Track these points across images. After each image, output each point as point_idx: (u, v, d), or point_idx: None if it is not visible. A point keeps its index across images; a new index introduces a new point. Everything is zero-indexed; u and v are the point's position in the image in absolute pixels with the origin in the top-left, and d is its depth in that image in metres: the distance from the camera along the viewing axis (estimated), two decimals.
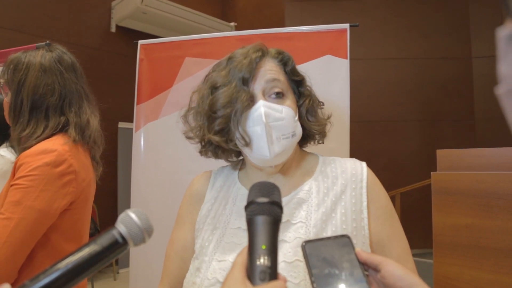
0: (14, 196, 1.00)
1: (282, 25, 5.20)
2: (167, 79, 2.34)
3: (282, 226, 0.75)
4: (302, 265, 0.71)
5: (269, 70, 0.82)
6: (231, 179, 0.91)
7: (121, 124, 4.79)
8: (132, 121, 2.44)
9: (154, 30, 5.22)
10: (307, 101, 0.87)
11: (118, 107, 4.27)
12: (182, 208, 0.93)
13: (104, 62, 4.87)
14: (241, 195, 0.86)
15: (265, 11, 5.67)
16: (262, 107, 0.78)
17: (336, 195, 0.80)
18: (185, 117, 0.92)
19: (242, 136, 0.79)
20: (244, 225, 0.78)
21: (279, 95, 0.81)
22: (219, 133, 0.83)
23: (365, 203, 0.79)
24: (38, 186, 1.01)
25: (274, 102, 0.80)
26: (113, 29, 5.14)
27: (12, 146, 1.50)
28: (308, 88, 0.89)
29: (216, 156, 0.90)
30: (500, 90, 0.31)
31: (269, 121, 0.78)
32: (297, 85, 0.88)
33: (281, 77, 0.83)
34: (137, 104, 2.41)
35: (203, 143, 0.90)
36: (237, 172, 0.93)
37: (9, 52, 2.71)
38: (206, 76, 0.90)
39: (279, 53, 0.87)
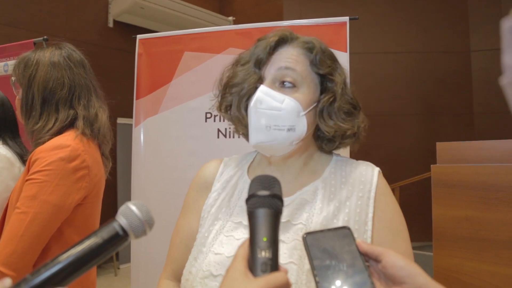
0: (29, 190, 1.03)
1: (281, 19, 5.18)
2: (166, 74, 2.34)
3: (282, 226, 0.74)
4: (296, 268, 0.70)
5: (286, 58, 0.79)
6: (241, 172, 0.89)
7: (120, 120, 4.79)
8: (131, 117, 2.44)
9: (151, 25, 5.20)
10: (326, 98, 0.79)
11: (117, 102, 4.25)
12: (189, 195, 0.92)
13: (102, 58, 4.85)
14: (247, 189, 0.85)
15: (264, 5, 5.65)
16: (258, 92, 0.76)
17: (341, 201, 0.77)
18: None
19: (239, 117, 0.83)
20: (245, 220, 0.78)
21: (289, 85, 0.77)
22: (225, 111, 0.87)
23: (370, 215, 0.75)
24: (53, 181, 1.04)
25: (280, 92, 0.77)
26: (111, 24, 5.11)
27: (6, 143, 1.49)
28: (337, 85, 0.80)
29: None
30: (504, 80, 0.31)
31: (260, 107, 0.75)
32: (326, 79, 0.81)
33: (299, 67, 0.78)
34: (136, 99, 2.41)
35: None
36: (248, 164, 0.91)
37: (6, 48, 2.71)
38: (240, 54, 0.89)
39: (307, 42, 0.81)
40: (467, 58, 5.32)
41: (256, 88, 0.79)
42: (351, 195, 0.77)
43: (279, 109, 0.75)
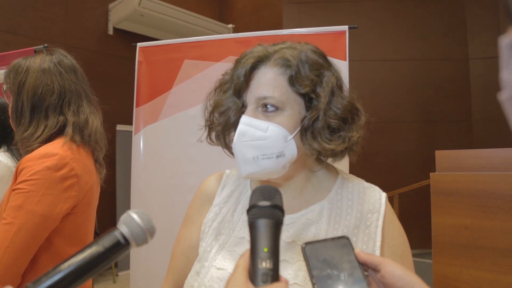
0: (15, 200, 1.00)
1: (280, 26, 5.20)
2: (166, 82, 2.35)
3: (286, 246, 0.74)
4: None
5: (264, 85, 0.74)
6: (243, 186, 0.88)
7: (119, 127, 4.79)
8: (130, 124, 2.45)
9: (151, 32, 5.22)
10: (308, 118, 0.74)
11: (116, 110, 4.26)
12: (191, 207, 0.92)
13: (101, 65, 4.87)
14: None
15: (263, 13, 5.68)
16: (240, 124, 0.74)
17: (349, 227, 0.76)
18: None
19: (226, 148, 0.81)
20: (248, 235, 0.78)
21: (272, 109, 0.74)
22: (216, 139, 0.85)
23: (378, 243, 0.74)
24: (40, 190, 1.01)
25: (262, 118, 0.74)
26: (111, 32, 5.14)
27: (10, 150, 1.49)
28: (321, 100, 0.74)
29: None
30: (503, 96, 0.31)
31: (244, 140, 0.73)
32: (309, 95, 0.75)
33: (277, 92, 0.73)
34: (136, 106, 2.41)
35: None
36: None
37: (6, 56, 2.71)
38: (223, 75, 0.86)
39: (284, 59, 0.75)
40: (466, 65, 5.34)
41: (238, 118, 0.76)
42: (360, 223, 0.76)
43: (264, 138, 0.73)
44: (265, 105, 0.74)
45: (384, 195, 0.81)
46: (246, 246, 0.76)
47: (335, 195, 0.80)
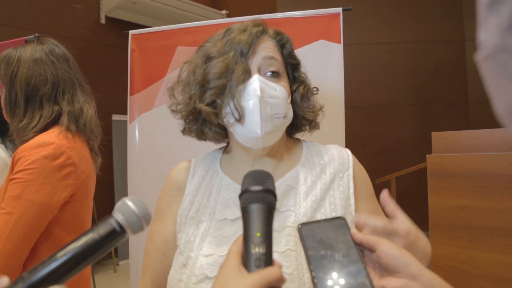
0: (13, 190, 1.01)
1: (274, 12, 5.15)
2: (159, 69, 2.32)
3: None
4: (294, 254, 0.70)
5: (267, 48, 0.80)
6: (213, 169, 0.87)
7: (115, 117, 4.76)
8: (125, 113, 2.42)
9: (144, 20, 5.15)
10: (301, 87, 0.85)
11: (111, 99, 4.23)
12: (161, 200, 0.90)
13: (94, 54, 4.81)
14: (225, 185, 0.83)
15: None
16: (257, 81, 0.75)
17: (326, 184, 0.80)
18: (171, 89, 0.88)
19: (235, 109, 0.75)
20: (230, 216, 0.78)
21: (275, 74, 0.79)
22: (210, 105, 0.79)
23: (352, 190, 0.80)
24: (38, 180, 1.02)
25: (269, 80, 0.78)
26: (103, 20, 5.06)
27: (3, 143, 1.49)
28: (303, 74, 0.88)
29: (199, 136, 0.87)
30: (479, 57, 0.31)
31: (263, 95, 0.74)
32: (292, 69, 0.87)
33: (278, 57, 0.81)
34: (130, 95, 2.39)
35: (187, 120, 0.87)
36: (219, 161, 0.89)
37: None
38: (200, 47, 0.85)
39: (278, 33, 0.84)
40: (462, 47, 5.32)
41: (244, 78, 0.76)
42: (334, 177, 0.82)
43: (276, 97, 0.76)
44: (267, 72, 0.79)
45: (348, 150, 0.88)
46: (230, 227, 0.77)
47: (305, 159, 0.85)
